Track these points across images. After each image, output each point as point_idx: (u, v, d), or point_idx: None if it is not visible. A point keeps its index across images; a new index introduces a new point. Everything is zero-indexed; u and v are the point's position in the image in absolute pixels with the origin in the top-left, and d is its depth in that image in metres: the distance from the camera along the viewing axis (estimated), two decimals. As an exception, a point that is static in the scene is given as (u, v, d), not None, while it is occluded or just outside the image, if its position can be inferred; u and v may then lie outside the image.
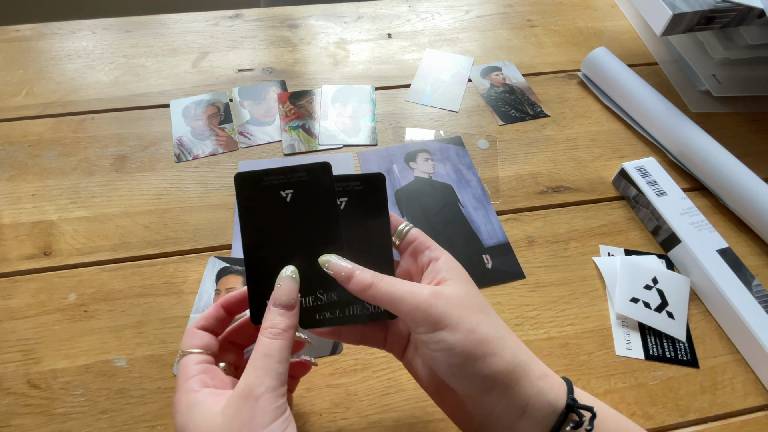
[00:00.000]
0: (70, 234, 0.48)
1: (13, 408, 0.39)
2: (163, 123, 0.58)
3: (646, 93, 0.59)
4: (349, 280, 0.29)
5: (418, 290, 0.28)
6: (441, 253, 0.32)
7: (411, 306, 0.28)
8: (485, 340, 0.28)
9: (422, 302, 0.28)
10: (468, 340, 0.27)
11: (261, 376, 0.26)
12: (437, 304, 0.28)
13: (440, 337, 0.27)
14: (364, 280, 0.29)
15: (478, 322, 0.28)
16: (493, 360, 0.27)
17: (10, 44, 0.65)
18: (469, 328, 0.28)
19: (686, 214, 0.49)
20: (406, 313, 0.28)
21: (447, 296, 0.28)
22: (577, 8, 0.76)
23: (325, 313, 0.31)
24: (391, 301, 0.28)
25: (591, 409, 0.28)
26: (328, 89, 0.63)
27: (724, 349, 0.44)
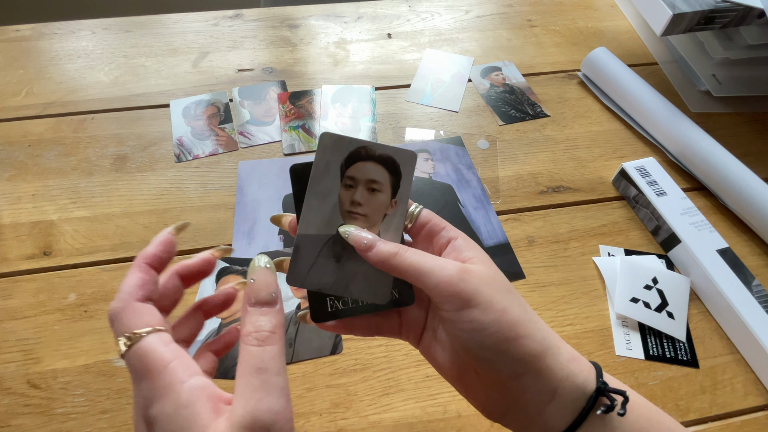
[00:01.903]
0: (70, 234, 0.48)
1: (13, 408, 0.39)
2: (163, 123, 0.58)
3: (646, 93, 0.59)
4: (370, 249, 0.27)
5: (448, 264, 0.27)
6: (458, 233, 0.30)
7: (440, 279, 0.26)
8: (517, 322, 0.26)
9: (453, 276, 0.26)
10: (501, 320, 0.26)
11: (264, 399, 0.21)
12: (469, 280, 0.26)
13: (471, 316, 0.26)
14: (388, 250, 0.27)
15: (510, 302, 0.27)
16: (525, 342, 0.26)
17: (10, 44, 0.65)
18: (501, 308, 0.26)
19: (686, 214, 0.49)
20: (433, 287, 0.26)
21: (477, 273, 0.27)
22: (577, 8, 0.76)
23: (337, 303, 0.30)
24: (418, 273, 0.26)
25: (623, 393, 0.27)
26: (328, 89, 0.63)
27: (724, 349, 0.44)
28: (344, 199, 0.29)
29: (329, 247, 0.29)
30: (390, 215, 0.30)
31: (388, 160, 0.30)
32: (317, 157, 0.29)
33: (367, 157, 0.30)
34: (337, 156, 0.29)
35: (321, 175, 0.29)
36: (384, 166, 0.30)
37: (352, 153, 0.29)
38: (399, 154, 0.30)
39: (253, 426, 0.21)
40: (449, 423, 0.39)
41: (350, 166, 0.30)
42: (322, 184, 0.29)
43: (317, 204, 0.29)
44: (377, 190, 0.30)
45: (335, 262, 0.29)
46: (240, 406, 0.21)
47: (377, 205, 0.30)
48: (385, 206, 0.30)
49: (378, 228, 0.30)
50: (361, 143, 0.29)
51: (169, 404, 0.21)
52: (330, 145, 0.29)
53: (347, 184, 0.30)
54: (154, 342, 0.23)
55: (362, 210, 0.30)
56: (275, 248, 0.47)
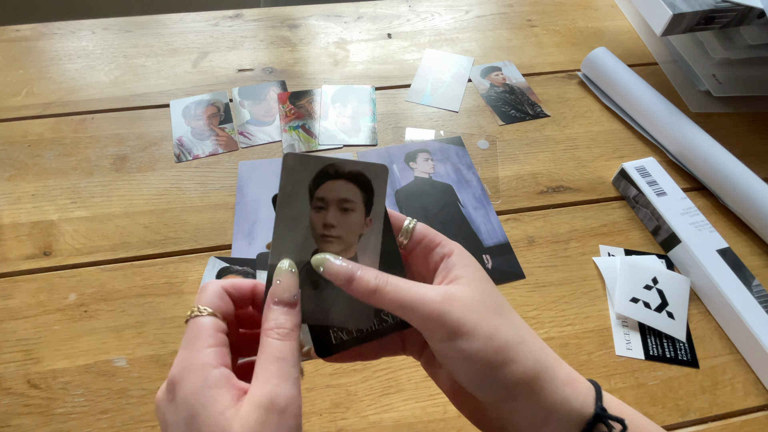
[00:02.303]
0: (70, 234, 0.48)
1: (13, 408, 0.39)
2: (163, 123, 0.58)
3: (646, 93, 0.59)
4: (350, 283, 0.26)
5: (430, 296, 0.26)
6: (453, 246, 0.29)
7: (423, 315, 0.25)
8: (505, 347, 0.26)
9: (435, 310, 0.25)
10: (487, 348, 0.25)
11: (281, 384, 0.23)
12: (452, 311, 0.25)
13: (458, 347, 0.25)
14: (368, 284, 0.26)
15: (497, 326, 0.26)
16: (515, 367, 0.25)
17: (10, 44, 0.65)
18: (488, 335, 0.25)
19: (686, 214, 0.49)
20: (418, 323, 0.26)
21: (461, 299, 0.26)
22: (577, 8, 0.76)
23: (341, 334, 0.29)
24: (400, 309, 0.26)
25: (622, 422, 0.26)
26: (328, 89, 0.63)
27: (724, 349, 0.44)
28: (316, 223, 0.28)
29: (304, 274, 0.27)
30: (366, 234, 0.28)
31: (359, 177, 0.28)
32: (282, 180, 0.27)
33: (337, 176, 0.28)
34: (303, 177, 0.28)
35: (289, 200, 0.28)
36: (355, 183, 0.28)
37: (319, 172, 0.28)
38: (370, 169, 0.28)
39: (270, 407, 0.23)
40: (449, 423, 0.39)
41: (319, 187, 0.28)
42: (291, 208, 0.28)
43: (288, 230, 0.28)
44: (350, 210, 0.28)
45: (312, 289, 0.28)
46: (258, 387, 0.23)
47: (351, 225, 0.28)
48: (359, 226, 0.28)
49: (354, 249, 0.28)
50: (329, 161, 0.28)
51: (197, 380, 0.23)
52: (295, 167, 0.27)
53: (317, 206, 0.28)
54: (210, 323, 0.25)
55: (336, 232, 0.28)
56: (275, 248, 0.47)
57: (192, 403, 0.23)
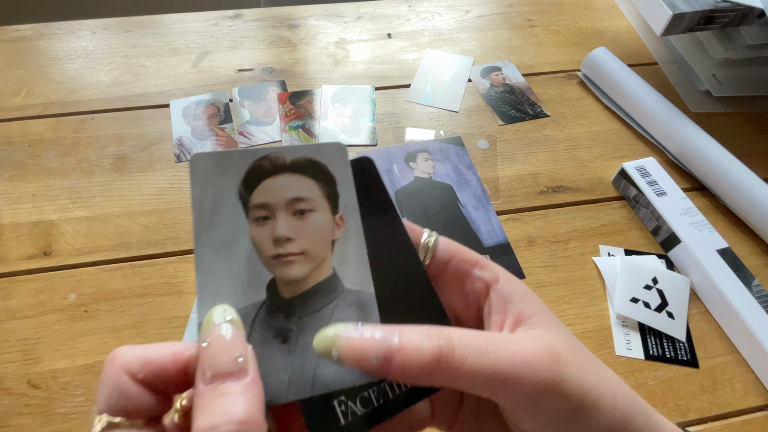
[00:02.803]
0: (70, 234, 0.48)
1: (13, 408, 0.39)
2: (163, 123, 0.58)
3: (646, 93, 0.59)
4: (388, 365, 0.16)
5: (534, 357, 0.17)
6: (497, 269, 0.21)
7: (533, 387, 0.16)
8: (630, 415, 0.18)
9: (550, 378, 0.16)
10: (615, 421, 0.18)
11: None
12: (570, 375, 0.17)
13: (581, 426, 0.17)
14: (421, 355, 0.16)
15: (609, 382, 0.18)
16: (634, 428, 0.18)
17: (10, 44, 0.65)
18: (612, 401, 0.18)
19: (686, 214, 0.49)
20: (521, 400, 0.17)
21: (570, 354, 0.18)
22: (577, 8, 0.76)
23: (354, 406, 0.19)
24: (493, 382, 0.16)
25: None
26: (328, 89, 0.63)
27: (724, 349, 0.44)
28: (261, 241, 0.19)
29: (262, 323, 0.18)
30: (341, 240, 0.20)
31: (309, 164, 0.20)
32: (195, 192, 0.19)
33: (276, 170, 0.20)
34: (226, 182, 0.19)
35: (211, 217, 0.19)
36: (305, 174, 0.20)
37: (250, 170, 0.19)
38: (321, 151, 0.20)
39: None
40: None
41: (254, 190, 0.19)
42: (218, 230, 0.19)
43: (219, 263, 0.18)
44: (308, 210, 0.20)
45: (280, 343, 0.18)
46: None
47: (316, 231, 0.20)
48: (328, 229, 0.20)
49: (330, 264, 0.19)
50: (260, 153, 0.20)
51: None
52: (210, 170, 0.19)
53: (258, 217, 0.19)
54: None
55: (295, 246, 0.19)
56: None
57: None
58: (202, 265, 0.18)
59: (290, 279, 0.19)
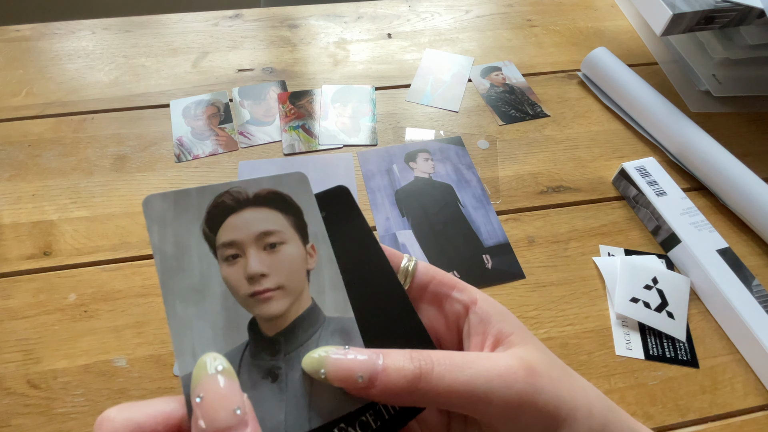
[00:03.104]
0: (70, 234, 0.48)
1: (13, 408, 0.39)
2: (163, 123, 0.58)
3: (646, 93, 0.59)
4: (373, 384, 0.17)
5: (509, 372, 0.17)
6: (475, 292, 0.21)
7: (508, 400, 0.17)
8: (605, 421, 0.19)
9: (524, 391, 0.17)
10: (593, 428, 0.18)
11: None
12: (544, 388, 0.18)
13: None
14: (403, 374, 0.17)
15: (585, 393, 0.19)
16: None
17: (10, 44, 0.65)
18: (587, 411, 0.18)
19: (686, 214, 0.49)
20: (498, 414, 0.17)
21: (543, 369, 0.18)
22: (577, 8, 0.76)
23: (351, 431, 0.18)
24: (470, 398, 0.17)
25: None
26: (328, 89, 0.63)
27: (724, 349, 0.44)
28: (235, 280, 0.19)
29: (248, 365, 0.18)
30: (316, 269, 0.20)
31: (273, 197, 0.20)
32: (154, 238, 0.18)
33: (239, 205, 0.19)
34: (187, 223, 0.18)
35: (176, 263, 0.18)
36: (270, 206, 0.20)
37: (211, 208, 0.19)
38: (283, 182, 0.20)
39: None
40: (449, 423, 0.39)
41: (219, 229, 0.19)
42: (185, 274, 0.18)
43: (192, 311, 0.18)
44: (279, 243, 0.19)
45: (270, 383, 0.18)
46: None
47: (289, 263, 0.19)
48: (301, 260, 0.20)
49: (308, 294, 0.19)
50: (219, 189, 0.19)
51: None
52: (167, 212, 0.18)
53: (228, 256, 0.19)
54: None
55: (271, 281, 0.19)
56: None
57: None
58: (174, 317, 0.17)
59: (271, 315, 0.18)
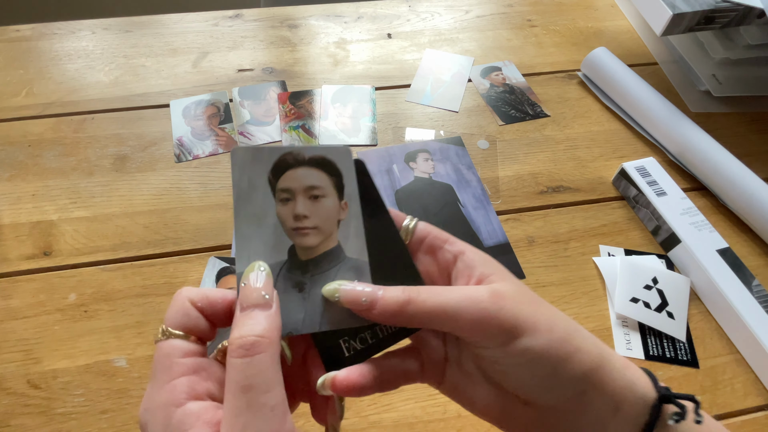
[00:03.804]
0: (70, 234, 0.48)
1: (13, 408, 0.39)
2: (163, 123, 0.58)
3: (646, 93, 0.59)
4: (373, 307, 0.22)
5: (475, 294, 0.22)
6: (464, 245, 0.26)
7: (474, 316, 0.22)
8: (567, 337, 0.23)
9: (487, 308, 0.22)
10: (553, 340, 0.22)
11: (250, 423, 0.18)
12: (505, 307, 0.22)
13: (521, 347, 0.22)
14: (396, 298, 0.22)
15: (551, 316, 0.23)
16: (582, 356, 0.23)
17: (10, 44, 0.65)
18: (548, 326, 0.23)
19: (686, 214, 0.49)
20: (468, 327, 0.22)
21: (510, 294, 0.23)
22: (577, 8, 0.76)
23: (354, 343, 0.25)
24: (444, 317, 0.22)
25: (693, 398, 0.23)
26: (328, 89, 0.63)
27: (724, 349, 0.44)
28: (285, 216, 0.25)
29: (284, 277, 0.24)
30: (345, 220, 0.26)
31: (322, 161, 0.26)
32: (235, 176, 0.25)
33: (297, 163, 0.26)
34: (259, 170, 0.25)
35: (247, 196, 0.24)
36: (319, 168, 0.26)
37: (277, 163, 0.25)
38: (332, 152, 0.26)
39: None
40: (449, 423, 0.39)
41: (280, 177, 0.25)
42: (252, 205, 0.24)
43: (253, 230, 0.24)
44: (321, 196, 0.26)
45: (297, 292, 0.24)
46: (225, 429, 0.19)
47: (326, 212, 0.25)
48: (335, 211, 0.26)
49: (336, 237, 0.25)
50: (285, 149, 0.25)
51: (159, 424, 0.20)
52: (247, 160, 0.25)
53: (283, 198, 0.25)
54: (173, 349, 0.21)
55: (310, 222, 0.25)
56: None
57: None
58: (240, 231, 0.24)
59: (305, 246, 0.25)
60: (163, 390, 0.20)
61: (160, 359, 0.21)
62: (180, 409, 0.20)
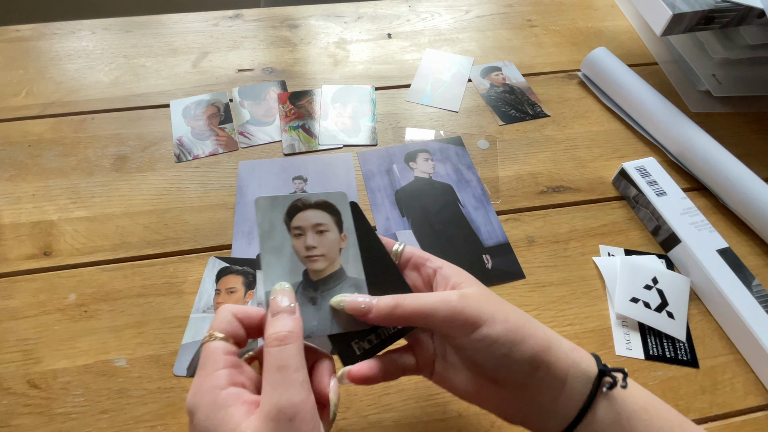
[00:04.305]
0: (70, 234, 0.48)
1: (13, 408, 0.39)
2: (163, 123, 0.58)
3: (646, 93, 0.59)
4: (369, 312, 0.29)
5: (446, 297, 0.29)
6: (441, 262, 0.33)
7: (446, 314, 0.29)
8: (519, 325, 0.29)
9: (455, 307, 0.29)
10: (507, 328, 0.29)
11: (286, 393, 0.24)
12: (470, 305, 0.29)
13: (482, 334, 0.29)
14: (387, 304, 0.29)
15: (506, 311, 0.30)
16: (531, 341, 0.29)
17: (10, 44, 0.65)
18: (504, 318, 0.29)
19: (686, 214, 0.49)
20: (442, 322, 0.29)
21: (473, 295, 0.30)
22: (577, 8, 0.76)
23: (362, 344, 0.32)
24: (423, 315, 0.29)
25: (622, 370, 0.30)
26: (328, 89, 0.63)
27: (724, 349, 0.44)
28: (299, 247, 0.32)
29: (300, 293, 0.31)
30: (345, 248, 0.33)
31: (325, 204, 0.34)
32: (259, 219, 0.32)
33: (305, 207, 0.34)
34: (277, 214, 0.33)
35: (269, 233, 0.32)
36: (323, 209, 0.34)
37: (290, 207, 0.33)
38: (332, 197, 0.34)
39: (278, 416, 0.24)
40: (449, 423, 0.39)
41: (293, 218, 0.33)
42: (273, 240, 0.32)
43: (274, 259, 0.31)
44: (325, 230, 0.33)
45: (311, 305, 0.31)
46: (266, 400, 0.24)
47: (330, 243, 0.33)
48: (337, 242, 0.33)
49: (339, 262, 0.33)
50: (295, 198, 0.34)
51: (208, 402, 0.25)
52: (267, 207, 0.33)
53: (296, 234, 0.33)
54: (219, 348, 0.27)
55: (318, 251, 0.33)
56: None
57: (206, 425, 0.25)
58: (264, 260, 0.31)
59: (315, 270, 0.32)
60: (210, 377, 0.26)
61: (207, 355, 0.27)
62: (224, 391, 0.25)
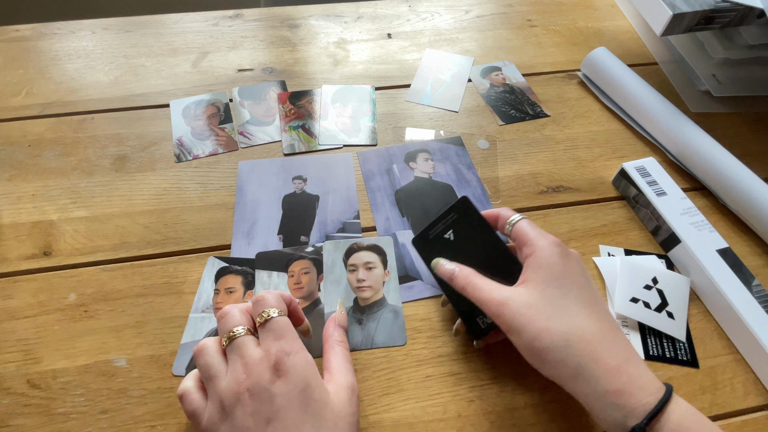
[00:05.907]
0: (70, 234, 0.48)
1: (13, 408, 0.39)
2: (163, 123, 0.58)
3: (646, 93, 0.59)
4: (451, 280, 0.38)
5: (492, 298, 0.34)
6: (535, 248, 0.36)
7: (489, 312, 0.35)
8: (545, 350, 0.32)
9: (494, 311, 0.34)
10: (529, 348, 0.32)
11: (352, 377, 0.35)
12: (504, 314, 0.33)
13: (511, 340, 0.34)
14: (459, 281, 0.37)
15: (542, 330, 0.32)
16: (555, 369, 0.32)
17: (10, 44, 0.65)
18: (532, 337, 0.32)
19: (686, 214, 0.49)
20: (488, 314, 0.35)
21: (516, 303, 0.33)
22: (577, 8, 0.76)
23: (485, 319, 0.40)
24: (479, 303, 0.36)
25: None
26: (328, 89, 0.63)
27: (724, 349, 0.44)
28: (352, 280, 0.44)
29: (351, 315, 0.42)
30: (387, 281, 0.44)
31: (374, 247, 0.45)
32: (325, 258, 0.45)
33: (359, 249, 0.45)
34: (338, 254, 0.45)
35: (331, 269, 0.45)
36: (372, 251, 0.45)
37: (348, 249, 0.45)
38: (381, 241, 0.46)
39: (352, 390, 0.34)
40: (449, 423, 0.39)
41: (349, 257, 0.45)
42: (333, 274, 0.44)
43: (334, 288, 0.44)
44: (373, 268, 0.44)
45: (358, 324, 0.42)
46: (342, 377, 0.34)
47: (376, 277, 0.44)
48: (381, 277, 0.44)
49: (382, 292, 0.43)
50: (353, 242, 0.46)
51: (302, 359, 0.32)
52: (331, 249, 0.46)
53: (351, 269, 0.44)
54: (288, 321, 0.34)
55: (366, 283, 0.44)
56: (274, 248, 0.47)
57: (303, 375, 0.32)
58: (326, 289, 0.43)
59: (363, 297, 0.43)
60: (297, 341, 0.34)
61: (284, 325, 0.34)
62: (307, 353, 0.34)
